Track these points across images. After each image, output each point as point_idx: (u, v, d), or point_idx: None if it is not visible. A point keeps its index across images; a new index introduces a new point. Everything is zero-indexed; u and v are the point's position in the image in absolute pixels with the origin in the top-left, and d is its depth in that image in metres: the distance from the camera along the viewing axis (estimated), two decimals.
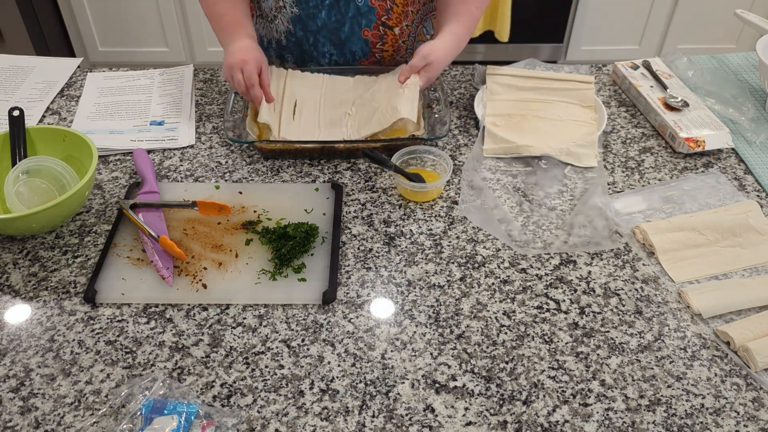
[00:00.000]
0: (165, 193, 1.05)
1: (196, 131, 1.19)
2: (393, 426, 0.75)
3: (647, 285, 0.91)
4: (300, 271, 0.91)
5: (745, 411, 0.77)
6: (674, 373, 0.80)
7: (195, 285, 0.90)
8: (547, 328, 0.85)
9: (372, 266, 0.93)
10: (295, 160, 1.12)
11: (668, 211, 1.03)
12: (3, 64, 1.37)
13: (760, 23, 1.30)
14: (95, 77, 1.33)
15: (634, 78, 1.27)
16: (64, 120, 1.22)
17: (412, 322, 0.86)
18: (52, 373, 0.80)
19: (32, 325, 0.86)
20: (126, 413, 0.74)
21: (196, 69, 1.35)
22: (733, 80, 1.31)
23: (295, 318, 0.86)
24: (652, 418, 0.76)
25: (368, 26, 1.22)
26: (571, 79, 1.25)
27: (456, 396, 0.78)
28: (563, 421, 0.75)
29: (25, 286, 0.91)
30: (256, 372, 0.80)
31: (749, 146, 1.15)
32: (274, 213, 1.01)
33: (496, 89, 1.23)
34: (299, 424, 0.75)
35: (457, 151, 1.14)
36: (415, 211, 1.02)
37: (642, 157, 1.13)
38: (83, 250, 0.96)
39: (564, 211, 1.02)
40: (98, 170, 1.11)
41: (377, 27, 1.23)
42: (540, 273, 0.93)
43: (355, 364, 0.81)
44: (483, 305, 0.88)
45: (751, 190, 1.07)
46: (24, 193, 0.97)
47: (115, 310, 0.87)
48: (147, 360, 0.81)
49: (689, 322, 0.86)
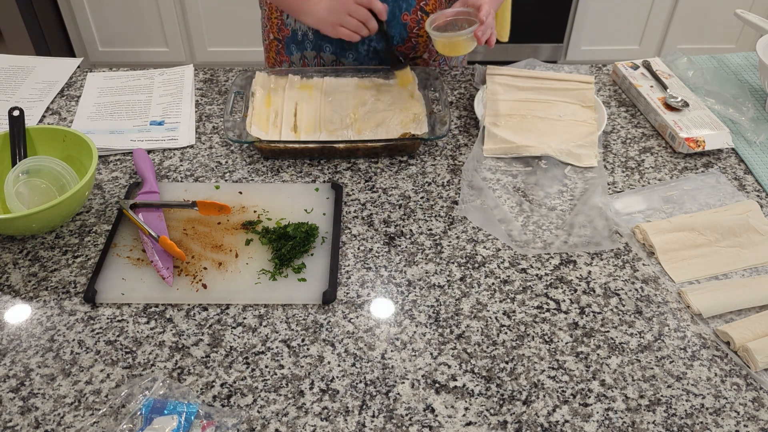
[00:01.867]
0: (165, 193, 1.05)
1: (196, 131, 1.19)
2: (393, 426, 0.75)
3: (647, 285, 0.91)
4: (300, 271, 0.91)
5: (745, 411, 0.77)
6: (674, 373, 0.80)
7: (195, 285, 0.90)
8: (547, 328, 0.85)
9: (372, 266, 0.93)
10: (295, 160, 1.12)
11: (668, 211, 1.03)
12: (3, 64, 1.37)
13: (760, 23, 1.30)
14: (95, 77, 1.33)
15: (634, 78, 1.27)
16: (64, 120, 1.22)
17: (412, 322, 0.86)
18: (52, 373, 0.80)
19: (32, 325, 0.86)
20: (126, 413, 0.74)
21: (196, 69, 1.35)
22: (733, 80, 1.31)
23: (295, 318, 0.86)
24: (652, 418, 0.76)
25: (408, 10, 1.24)
26: (571, 79, 1.25)
27: (456, 396, 0.78)
28: (563, 421, 0.75)
29: (25, 286, 0.91)
30: (256, 372, 0.80)
31: (749, 146, 1.15)
32: (274, 213, 1.01)
33: (496, 89, 1.23)
34: (299, 424, 0.75)
35: (457, 151, 1.14)
36: (415, 211, 1.02)
37: (642, 157, 1.13)
38: (83, 250, 0.96)
39: (564, 211, 1.02)
40: (98, 170, 1.11)
41: (416, 12, 1.25)
42: (540, 273, 0.93)
43: (355, 364, 0.81)
44: (483, 305, 0.88)
45: (751, 190, 1.07)
46: (24, 193, 0.97)
47: (115, 310, 0.87)
48: (147, 360, 0.81)
49: (689, 322, 0.86)
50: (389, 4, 1.21)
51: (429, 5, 1.25)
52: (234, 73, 1.34)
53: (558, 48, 2.91)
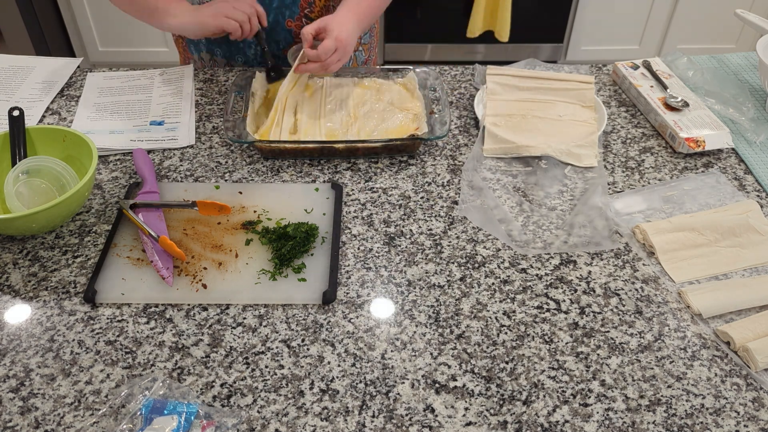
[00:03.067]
0: (165, 193, 1.05)
1: (196, 131, 1.19)
2: (393, 426, 0.75)
3: (647, 285, 0.91)
4: (300, 271, 0.91)
5: (745, 411, 0.77)
6: (674, 373, 0.80)
7: (195, 285, 0.90)
8: (547, 328, 0.85)
9: (372, 266, 0.93)
10: (295, 160, 1.12)
11: (668, 211, 1.03)
12: (3, 64, 1.37)
13: (760, 23, 1.30)
14: (95, 77, 1.33)
15: (634, 78, 1.27)
16: (64, 120, 1.22)
17: (412, 322, 0.86)
18: (52, 373, 0.80)
19: (32, 325, 0.86)
20: (126, 413, 0.74)
21: (196, 69, 1.35)
22: (733, 80, 1.31)
23: (295, 318, 0.86)
24: (652, 418, 0.76)
25: (291, 17, 1.27)
26: (571, 79, 1.25)
27: (456, 396, 0.78)
28: (563, 421, 0.75)
29: (25, 286, 0.91)
30: (256, 372, 0.80)
31: (749, 146, 1.15)
32: (274, 213, 1.01)
33: (496, 89, 1.23)
34: (299, 424, 0.75)
35: (457, 151, 1.14)
36: (415, 211, 1.02)
37: (642, 157, 1.13)
38: (83, 250, 0.96)
39: (564, 211, 1.02)
40: (98, 170, 1.11)
41: (300, 18, 1.28)
42: (540, 273, 0.93)
43: (355, 364, 0.81)
44: (483, 305, 0.88)
45: (751, 190, 1.07)
46: (24, 193, 0.97)
47: (115, 310, 0.87)
48: (147, 360, 0.81)
49: (689, 322, 0.86)
50: (271, 12, 1.25)
51: (314, 12, 1.27)
52: (234, 73, 1.34)
53: (558, 48, 2.91)
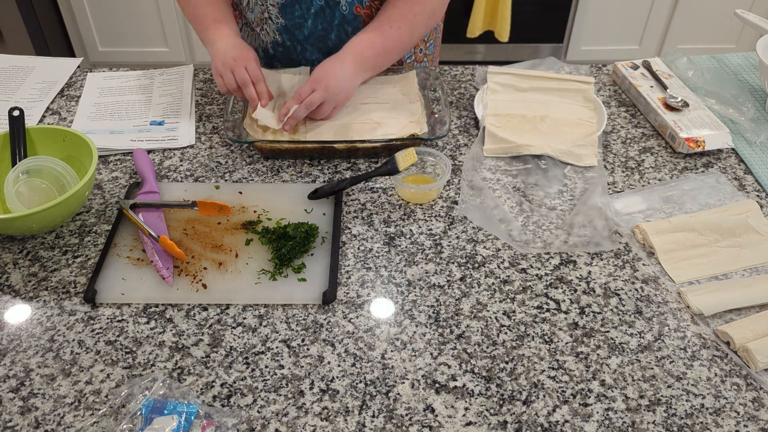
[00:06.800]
0: (165, 193, 1.05)
1: (196, 131, 1.19)
2: (393, 426, 0.75)
3: (647, 285, 0.91)
4: (300, 271, 0.91)
5: (745, 411, 0.77)
6: (674, 373, 0.80)
7: (195, 285, 0.90)
8: (547, 328, 0.85)
9: (372, 266, 0.93)
10: (295, 160, 1.12)
11: (668, 211, 1.03)
12: (3, 64, 1.37)
13: (760, 23, 1.30)
14: (95, 77, 1.33)
15: (634, 78, 1.27)
16: (64, 120, 1.22)
17: (412, 322, 0.86)
18: (52, 373, 0.80)
19: (32, 325, 0.86)
20: (126, 413, 0.74)
21: (196, 69, 1.35)
22: (733, 80, 1.31)
23: (295, 318, 0.86)
24: (652, 418, 0.76)
25: (354, 33, 1.20)
26: (571, 79, 1.25)
27: (456, 396, 0.78)
28: (563, 421, 0.75)
29: (25, 286, 0.91)
30: (256, 372, 0.80)
31: (749, 146, 1.15)
32: (274, 213, 1.01)
33: (496, 89, 1.23)
34: (299, 424, 0.75)
35: (457, 151, 1.14)
36: (415, 211, 1.02)
37: (642, 157, 1.13)
38: (83, 250, 0.96)
39: (564, 211, 1.02)
40: (98, 170, 1.11)
41: None
42: (540, 273, 0.93)
43: (355, 364, 0.81)
44: (483, 305, 0.88)
45: (751, 190, 1.07)
46: (24, 193, 0.97)
47: (115, 310, 0.87)
48: (147, 360, 0.81)
49: (689, 322, 0.86)
50: (333, 29, 1.21)
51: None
52: None
53: (558, 48, 2.91)
